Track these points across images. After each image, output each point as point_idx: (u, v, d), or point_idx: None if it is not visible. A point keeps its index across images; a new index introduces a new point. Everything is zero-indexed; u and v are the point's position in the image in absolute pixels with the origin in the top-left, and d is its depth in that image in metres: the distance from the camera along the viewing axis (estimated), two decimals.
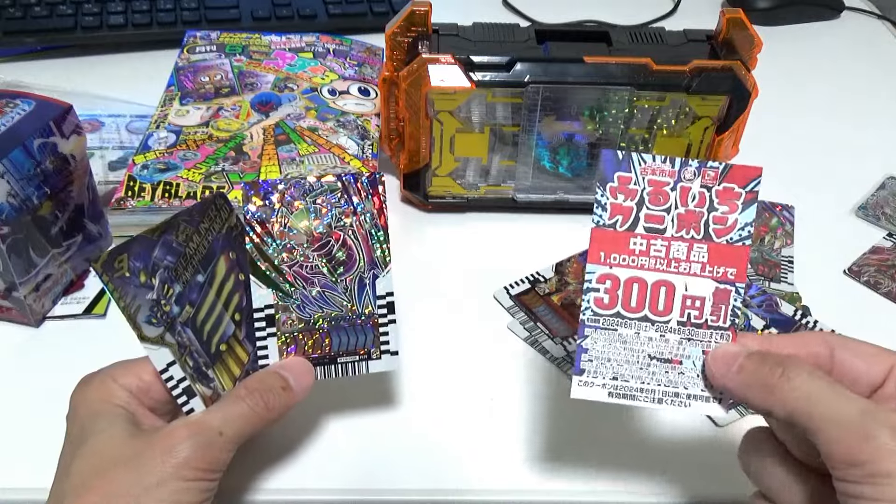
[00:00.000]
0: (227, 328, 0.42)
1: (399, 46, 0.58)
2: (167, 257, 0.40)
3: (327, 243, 0.42)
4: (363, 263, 0.43)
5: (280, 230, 0.42)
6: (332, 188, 0.43)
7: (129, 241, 0.39)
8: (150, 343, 0.40)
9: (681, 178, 0.38)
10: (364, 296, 0.43)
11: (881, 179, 0.68)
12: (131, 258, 0.39)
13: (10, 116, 0.49)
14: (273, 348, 0.42)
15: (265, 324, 0.42)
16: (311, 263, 0.42)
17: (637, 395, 0.38)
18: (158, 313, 0.40)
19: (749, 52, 0.58)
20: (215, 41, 0.71)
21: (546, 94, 0.56)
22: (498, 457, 0.46)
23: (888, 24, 0.94)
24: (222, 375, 0.41)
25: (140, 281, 0.40)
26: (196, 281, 0.41)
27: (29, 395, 0.48)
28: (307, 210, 0.42)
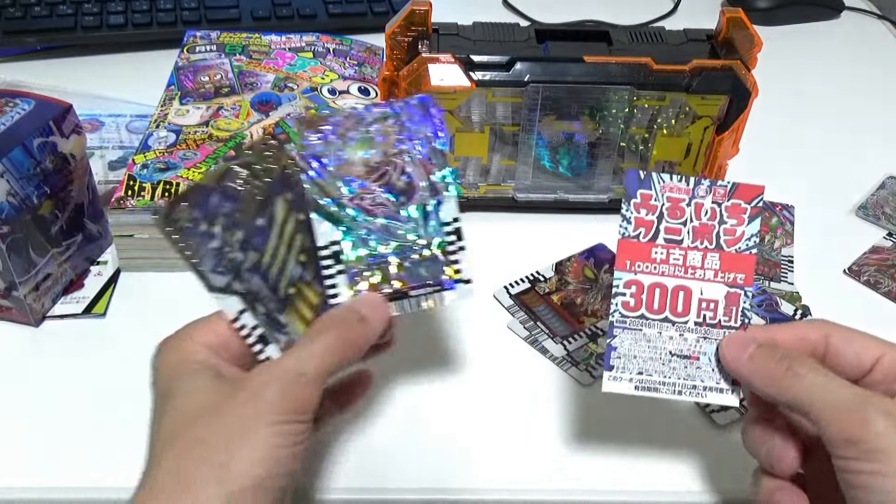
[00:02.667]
0: (293, 271, 0.40)
1: (399, 46, 0.58)
2: (225, 203, 0.39)
3: (385, 172, 0.41)
4: (426, 190, 0.41)
5: (336, 163, 0.41)
6: (384, 115, 0.41)
7: (185, 191, 0.39)
8: (219, 292, 0.39)
9: (695, 195, 0.42)
10: (430, 223, 0.41)
11: (881, 179, 0.68)
12: (190, 208, 0.39)
13: (9, 116, 0.49)
14: (343, 284, 0.41)
15: (332, 261, 0.41)
16: (372, 195, 0.41)
17: (659, 387, 0.42)
18: (223, 261, 0.39)
19: (749, 51, 0.58)
20: (215, 41, 0.71)
21: (546, 94, 0.56)
22: (498, 456, 0.46)
23: (888, 24, 0.94)
24: (295, 320, 0.40)
25: (201, 230, 0.39)
26: (257, 225, 0.40)
27: (29, 394, 0.48)
28: (362, 140, 0.41)
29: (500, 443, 0.47)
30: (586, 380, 0.50)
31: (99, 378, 0.49)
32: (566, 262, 0.58)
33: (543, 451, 0.47)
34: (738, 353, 0.39)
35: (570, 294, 0.56)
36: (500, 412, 0.49)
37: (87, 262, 0.56)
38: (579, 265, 0.58)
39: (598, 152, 0.60)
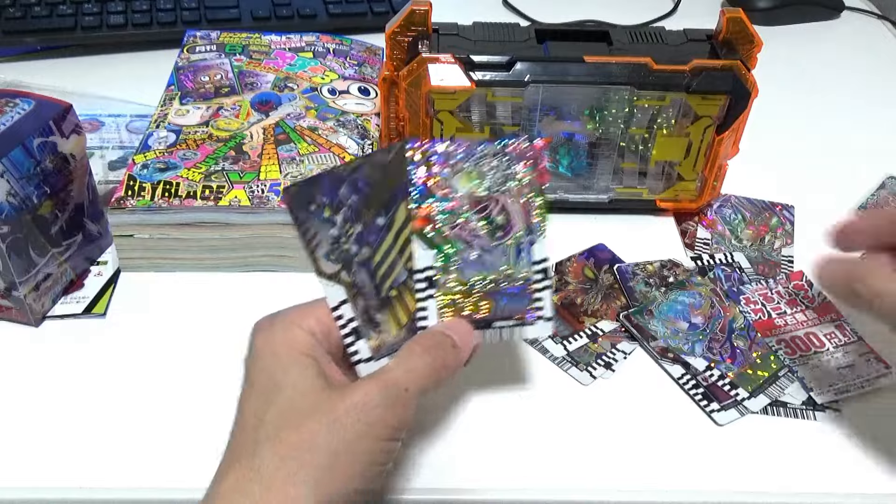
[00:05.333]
0: (399, 275, 0.42)
1: (399, 46, 0.58)
2: (353, 195, 0.41)
3: (487, 206, 0.43)
4: (521, 228, 0.43)
5: (443, 191, 0.42)
6: (494, 151, 0.43)
7: (319, 175, 0.40)
8: (327, 279, 0.41)
9: None
10: (520, 260, 0.43)
11: (881, 179, 0.68)
12: (319, 192, 0.40)
13: (9, 116, 0.49)
14: (432, 309, 0.42)
15: (425, 285, 0.42)
16: (472, 226, 0.42)
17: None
18: (337, 250, 0.41)
19: (749, 51, 0.58)
20: (215, 41, 0.71)
21: (546, 94, 0.56)
22: (497, 456, 0.46)
23: (888, 24, 0.94)
24: (390, 321, 0.42)
25: (324, 216, 0.41)
26: (376, 223, 0.41)
27: (29, 394, 0.48)
28: (471, 172, 0.42)
29: (500, 443, 0.47)
30: (586, 380, 0.50)
31: (99, 378, 0.49)
32: (566, 262, 0.58)
33: (543, 451, 0.47)
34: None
35: (570, 294, 0.56)
36: (499, 412, 0.49)
37: (87, 262, 0.56)
38: (579, 265, 0.58)
39: (598, 152, 0.60)
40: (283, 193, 0.38)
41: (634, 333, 0.53)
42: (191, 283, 0.56)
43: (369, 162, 0.41)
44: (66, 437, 0.46)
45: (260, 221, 0.54)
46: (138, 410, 0.48)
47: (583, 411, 0.49)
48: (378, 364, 0.41)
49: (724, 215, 0.63)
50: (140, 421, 0.47)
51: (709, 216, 0.63)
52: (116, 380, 0.49)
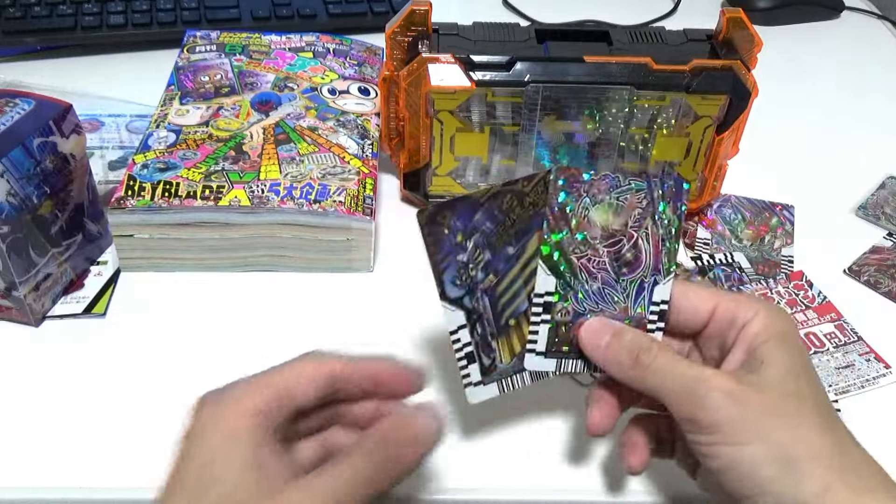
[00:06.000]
0: (520, 305, 0.42)
1: (399, 46, 0.58)
2: (487, 223, 0.41)
3: (619, 241, 0.42)
4: (648, 267, 0.42)
5: (578, 221, 0.42)
6: (638, 188, 0.42)
7: (455, 199, 0.41)
8: (449, 303, 0.42)
9: None
10: (640, 298, 0.42)
11: (881, 179, 0.68)
12: (453, 217, 0.41)
13: (9, 116, 0.49)
14: (543, 335, 0.42)
15: (541, 309, 0.42)
16: (599, 258, 0.42)
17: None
18: (464, 276, 0.42)
19: (749, 51, 0.58)
20: (215, 41, 0.71)
21: (546, 94, 0.56)
22: (497, 456, 0.46)
23: (888, 24, 0.94)
24: (503, 348, 0.42)
25: (456, 241, 0.41)
26: (506, 252, 0.42)
27: (29, 394, 0.48)
28: (610, 205, 0.42)
29: (500, 443, 0.47)
30: (586, 380, 0.50)
31: (99, 378, 0.49)
32: None
33: (543, 452, 0.47)
34: (595, 342, 0.41)
35: None
36: (499, 412, 0.49)
37: (87, 262, 0.56)
38: None
39: (598, 152, 0.60)
40: (417, 215, 0.39)
41: None
42: (191, 283, 0.56)
43: (510, 191, 0.41)
44: (66, 437, 0.46)
45: (260, 221, 0.54)
46: (138, 410, 0.48)
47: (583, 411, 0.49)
48: (486, 389, 0.42)
49: (724, 215, 0.63)
50: (140, 421, 0.47)
51: (709, 216, 0.63)
52: (116, 380, 0.49)
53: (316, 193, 0.55)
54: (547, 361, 0.42)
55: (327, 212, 0.54)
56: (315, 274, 0.57)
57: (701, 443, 0.37)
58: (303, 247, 0.56)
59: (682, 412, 0.37)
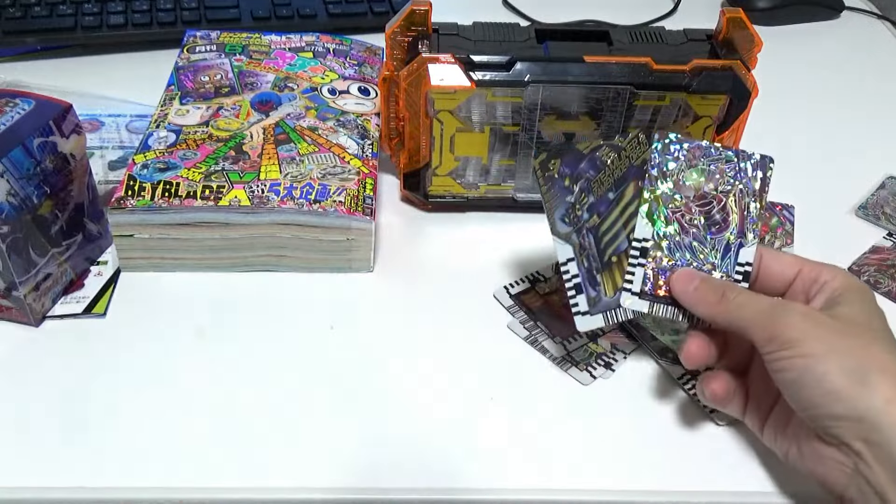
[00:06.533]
0: (621, 244, 0.47)
1: (399, 46, 0.58)
2: (590, 171, 0.49)
3: (709, 203, 0.47)
4: (734, 230, 0.47)
5: (675, 179, 0.47)
6: (728, 159, 0.48)
7: (564, 148, 0.49)
8: (560, 238, 0.49)
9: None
10: (726, 258, 0.47)
11: (881, 179, 0.68)
12: (562, 164, 0.49)
13: (9, 116, 0.49)
14: (639, 277, 0.46)
15: (639, 254, 0.46)
16: (692, 216, 0.47)
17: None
18: (571, 215, 0.49)
19: (749, 51, 0.58)
20: (215, 41, 0.71)
21: (546, 94, 0.56)
22: (497, 456, 0.46)
23: (888, 24, 0.94)
24: (607, 282, 0.47)
25: (564, 184, 0.50)
26: (607, 196, 0.48)
27: (29, 394, 0.48)
28: (702, 170, 0.47)
29: (499, 443, 0.47)
30: (586, 380, 0.50)
31: (99, 378, 0.49)
32: None
33: (543, 451, 0.47)
34: (684, 286, 0.45)
35: None
36: (499, 412, 0.49)
37: (87, 262, 0.56)
38: None
39: None
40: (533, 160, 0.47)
41: (634, 333, 0.53)
42: (191, 283, 0.56)
43: (608, 145, 0.49)
44: (65, 437, 0.46)
45: (260, 221, 0.54)
46: (138, 410, 0.48)
47: (583, 411, 0.49)
48: (593, 319, 0.47)
49: None
50: (139, 421, 0.47)
51: None
52: (116, 380, 0.49)
53: (316, 193, 0.55)
54: (641, 302, 0.46)
55: (327, 212, 0.54)
56: (315, 274, 0.57)
57: (780, 358, 0.41)
58: (303, 247, 0.56)
59: (763, 334, 0.41)
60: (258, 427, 0.47)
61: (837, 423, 0.39)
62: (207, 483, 0.44)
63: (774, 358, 0.41)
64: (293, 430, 0.47)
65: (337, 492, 0.44)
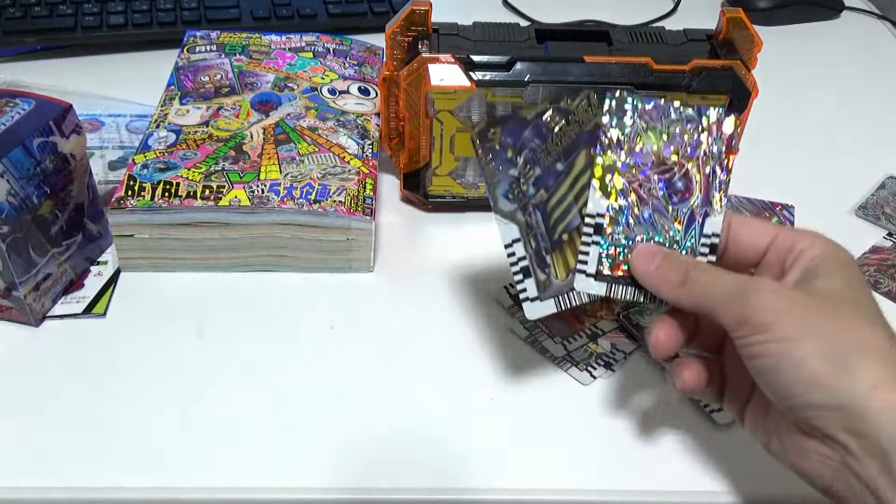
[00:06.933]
0: (572, 220, 0.42)
1: (399, 46, 0.58)
2: (535, 139, 0.43)
3: (670, 169, 0.42)
4: (699, 199, 0.42)
5: (630, 145, 0.42)
6: (689, 118, 0.43)
7: (505, 116, 0.43)
8: (503, 217, 0.44)
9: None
10: (690, 230, 0.42)
11: (881, 179, 0.68)
12: (504, 133, 0.44)
13: (9, 116, 0.49)
14: (594, 256, 0.42)
15: (592, 230, 0.42)
16: (651, 185, 0.42)
17: None
18: (516, 190, 0.44)
19: (749, 51, 0.58)
20: (215, 41, 0.71)
21: (546, 94, 0.56)
22: (497, 456, 0.46)
23: (888, 24, 0.94)
24: (558, 264, 0.43)
25: (507, 156, 0.44)
26: (555, 168, 0.43)
27: (29, 394, 0.48)
28: (661, 133, 0.42)
29: (500, 443, 0.47)
30: (586, 380, 0.50)
31: (99, 378, 0.49)
32: None
33: (543, 452, 0.47)
34: (644, 266, 0.41)
35: None
36: (499, 412, 0.49)
37: (87, 262, 0.56)
38: None
39: None
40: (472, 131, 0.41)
41: (634, 333, 0.53)
42: (191, 283, 0.56)
43: (555, 108, 0.43)
44: (65, 437, 0.46)
45: (260, 221, 0.54)
46: (138, 410, 0.48)
47: (583, 411, 0.49)
48: (543, 305, 0.42)
49: None
50: (139, 421, 0.47)
51: None
52: (116, 380, 0.49)
53: (316, 193, 0.55)
54: (597, 284, 0.42)
55: (327, 212, 0.54)
56: (315, 274, 0.57)
57: (752, 343, 0.37)
58: (303, 247, 0.56)
59: (731, 316, 0.38)
60: (258, 427, 0.47)
61: (818, 413, 0.36)
62: (207, 483, 0.44)
63: (746, 343, 0.37)
64: (293, 430, 0.47)
65: (336, 492, 0.44)
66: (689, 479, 0.46)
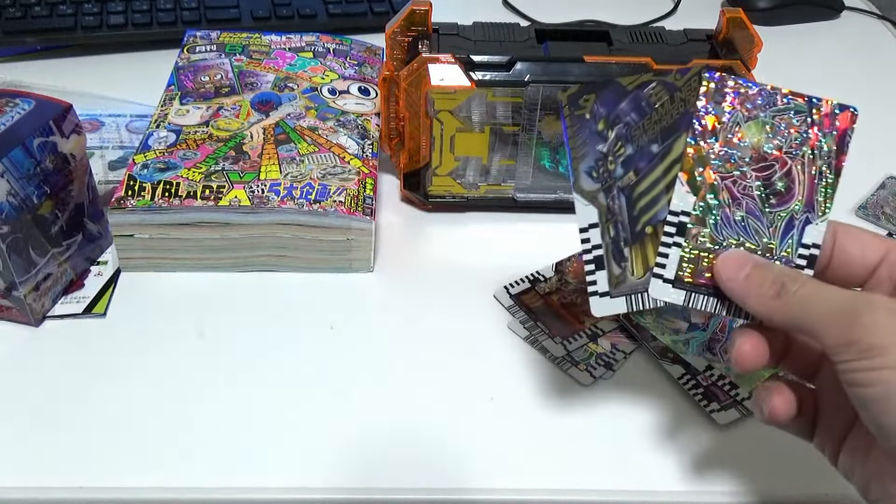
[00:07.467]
0: (660, 212, 0.37)
1: (399, 46, 0.58)
2: (632, 113, 0.38)
3: (771, 167, 0.37)
4: (800, 202, 0.37)
5: (727, 136, 0.37)
6: (798, 109, 0.38)
7: (603, 83, 0.37)
8: (582, 196, 0.38)
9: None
10: (788, 237, 0.37)
11: (881, 179, 0.68)
12: (598, 101, 0.38)
13: (9, 116, 0.49)
14: (673, 260, 0.37)
15: (674, 230, 0.37)
16: (746, 183, 0.37)
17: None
18: (601, 169, 0.38)
19: (749, 51, 0.58)
20: (215, 41, 0.71)
21: (546, 94, 0.56)
22: (498, 456, 0.46)
23: (888, 24, 0.94)
24: (636, 259, 0.38)
25: (597, 128, 0.38)
26: (650, 149, 0.38)
27: (29, 394, 0.48)
28: (763, 124, 0.37)
29: (500, 443, 0.47)
30: (586, 380, 0.50)
31: (99, 378, 0.49)
32: (566, 262, 0.58)
33: (543, 452, 0.47)
34: (733, 273, 0.36)
35: (569, 294, 0.56)
36: (499, 412, 0.49)
37: (87, 262, 0.56)
38: (579, 265, 0.58)
39: None
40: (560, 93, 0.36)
41: (634, 333, 0.53)
42: (191, 283, 0.56)
43: (660, 80, 0.38)
44: (66, 437, 0.46)
45: (260, 221, 0.54)
46: (138, 410, 0.48)
47: (583, 411, 0.49)
48: (613, 303, 0.38)
49: None
50: (139, 421, 0.47)
51: None
52: (117, 380, 0.49)
53: (316, 193, 0.55)
54: (675, 292, 0.37)
55: (327, 212, 0.54)
56: (315, 274, 0.57)
57: (859, 369, 0.32)
58: (303, 247, 0.56)
59: (835, 337, 0.33)
60: (258, 427, 0.47)
61: None
62: (207, 483, 0.44)
63: (851, 368, 0.32)
64: (293, 429, 0.47)
65: (336, 492, 0.44)
66: (689, 479, 0.46)
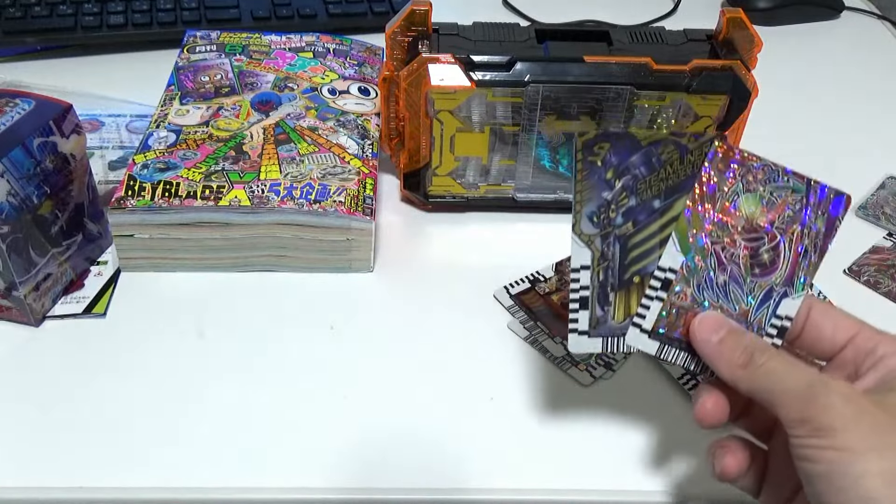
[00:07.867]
0: (649, 265, 0.40)
1: (399, 46, 0.58)
2: (641, 167, 0.40)
3: (760, 238, 0.40)
4: (781, 276, 0.40)
5: (724, 203, 0.40)
6: (796, 188, 0.40)
7: (619, 134, 0.40)
8: (580, 239, 0.40)
9: None
10: (763, 308, 0.40)
11: (881, 179, 0.68)
12: (611, 151, 0.40)
13: (9, 116, 0.49)
14: (653, 312, 0.39)
15: (660, 284, 0.40)
16: (734, 251, 0.40)
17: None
18: (603, 215, 0.40)
19: (749, 51, 0.58)
20: (215, 41, 0.71)
21: (546, 94, 0.56)
22: (497, 456, 0.46)
23: (888, 24, 0.94)
24: (619, 304, 0.40)
25: (606, 176, 0.40)
26: (651, 204, 0.40)
27: (29, 394, 0.48)
28: (761, 198, 0.40)
29: (500, 443, 0.47)
30: (586, 380, 0.50)
31: (99, 378, 0.49)
32: (566, 263, 0.58)
33: (542, 452, 0.47)
34: (707, 335, 0.39)
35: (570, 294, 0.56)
36: (499, 412, 0.49)
37: (87, 262, 0.56)
38: None
39: None
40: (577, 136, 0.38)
41: None
42: (191, 283, 0.56)
43: (674, 142, 0.40)
44: (66, 437, 0.46)
45: (260, 221, 0.54)
46: (138, 410, 0.48)
47: (583, 411, 0.49)
48: (590, 342, 0.40)
49: None
50: (139, 421, 0.47)
51: None
52: (117, 380, 0.49)
53: (316, 193, 0.55)
54: (650, 342, 0.40)
55: (327, 212, 0.54)
56: (315, 274, 0.57)
57: (809, 445, 0.34)
58: (303, 247, 0.56)
59: (793, 412, 0.35)
60: (257, 427, 0.47)
61: None
62: (207, 483, 0.44)
63: (802, 444, 0.34)
64: (293, 429, 0.47)
65: (336, 492, 0.44)
66: (689, 479, 0.46)
